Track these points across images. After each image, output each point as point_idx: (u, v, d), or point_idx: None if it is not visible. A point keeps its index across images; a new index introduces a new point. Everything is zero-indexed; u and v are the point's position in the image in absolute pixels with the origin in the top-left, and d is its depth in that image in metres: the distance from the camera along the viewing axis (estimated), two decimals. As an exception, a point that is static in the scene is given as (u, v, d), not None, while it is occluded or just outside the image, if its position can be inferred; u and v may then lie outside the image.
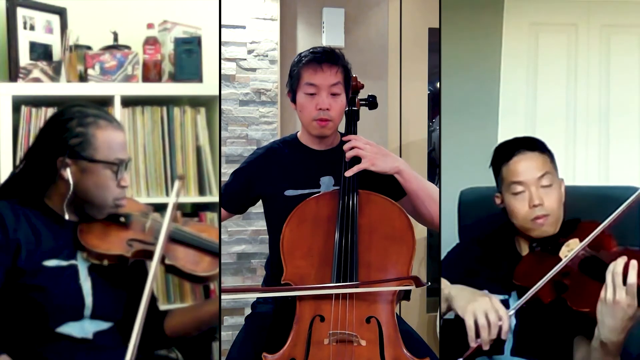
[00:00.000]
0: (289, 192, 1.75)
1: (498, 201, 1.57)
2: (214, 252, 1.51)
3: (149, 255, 1.41)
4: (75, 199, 1.42)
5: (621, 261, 1.22)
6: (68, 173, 1.40)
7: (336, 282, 1.50)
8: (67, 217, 1.42)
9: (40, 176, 1.42)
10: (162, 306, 1.65)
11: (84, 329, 1.37)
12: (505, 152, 1.52)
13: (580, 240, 1.39)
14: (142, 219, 1.50)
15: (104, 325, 1.40)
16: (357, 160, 1.64)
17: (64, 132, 1.41)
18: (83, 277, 1.41)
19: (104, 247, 1.42)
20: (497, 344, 1.46)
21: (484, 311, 1.30)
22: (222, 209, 1.84)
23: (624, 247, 1.35)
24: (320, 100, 1.70)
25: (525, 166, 1.49)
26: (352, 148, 1.65)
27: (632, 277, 1.19)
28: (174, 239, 1.49)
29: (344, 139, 1.70)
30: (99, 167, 1.41)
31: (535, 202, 1.46)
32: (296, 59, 1.77)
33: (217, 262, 1.50)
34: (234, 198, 1.84)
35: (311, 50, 1.76)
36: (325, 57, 1.72)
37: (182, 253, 1.49)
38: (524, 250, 1.54)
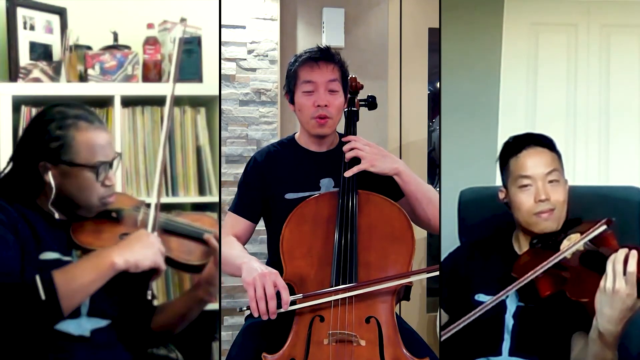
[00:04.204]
0: (289, 195, 1.74)
1: (502, 195, 1.57)
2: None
3: None
4: (61, 201, 1.41)
5: (622, 251, 1.22)
6: (50, 177, 1.39)
7: (335, 282, 1.50)
8: (57, 216, 1.41)
9: (26, 178, 1.41)
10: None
11: (81, 326, 1.37)
12: (516, 146, 1.52)
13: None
14: (134, 213, 1.49)
15: (101, 322, 1.40)
16: (356, 161, 1.64)
17: (45, 134, 1.39)
18: None
19: (97, 244, 1.41)
20: (495, 345, 1.47)
21: None
22: (246, 220, 1.80)
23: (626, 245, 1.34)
24: (318, 97, 1.71)
25: (534, 161, 1.49)
26: (351, 149, 1.65)
27: (632, 266, 1.19)
28: (166, 230, 1.47)
29: (344, 139, 1.70)
30: (78, 170, 1.40)
31: (541, 197, 1.46)
32: (292, 60, 1.77)
33: (212, 250, 1.48)
34: (253, 206, 1.81)
35: (307, 50, 1.76)
36: (322, 55, 1.73)
37: (175, 244, 1.47)
38: (524, 248, 1.54)
